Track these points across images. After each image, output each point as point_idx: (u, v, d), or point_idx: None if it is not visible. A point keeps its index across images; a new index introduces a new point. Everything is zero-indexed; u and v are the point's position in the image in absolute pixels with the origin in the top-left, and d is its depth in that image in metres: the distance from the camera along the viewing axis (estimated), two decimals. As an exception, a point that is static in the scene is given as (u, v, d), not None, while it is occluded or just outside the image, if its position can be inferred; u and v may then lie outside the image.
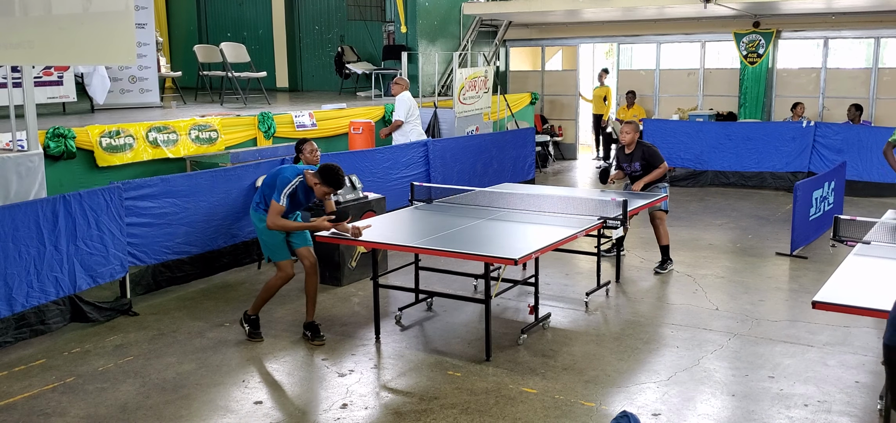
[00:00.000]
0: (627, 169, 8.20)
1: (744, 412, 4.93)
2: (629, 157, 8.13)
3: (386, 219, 7.11)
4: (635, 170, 8.11)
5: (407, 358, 5.85)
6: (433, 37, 15.22)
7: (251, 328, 6.28)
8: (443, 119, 12.84)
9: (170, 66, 15.52)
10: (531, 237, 6.19)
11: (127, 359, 5.86)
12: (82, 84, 10.80)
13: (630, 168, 8.16)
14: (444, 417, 4.87)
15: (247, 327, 6.28)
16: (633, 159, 8.10)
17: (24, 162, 6.79)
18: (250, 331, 6.27)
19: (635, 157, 8.08)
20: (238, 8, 18.53)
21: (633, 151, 8.10)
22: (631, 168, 8.15)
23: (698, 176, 13.42)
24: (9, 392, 5.27)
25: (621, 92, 16.62)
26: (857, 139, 12.27)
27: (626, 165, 8.20)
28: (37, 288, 6.20)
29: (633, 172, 8.14)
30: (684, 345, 6.05)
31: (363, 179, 8.47)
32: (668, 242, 8.20)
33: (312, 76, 17.80)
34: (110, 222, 6.79)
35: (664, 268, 8.14)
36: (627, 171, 8.21)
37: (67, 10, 6.07)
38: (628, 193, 7.95)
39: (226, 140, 9.87)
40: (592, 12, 14.64)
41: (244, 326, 6.30)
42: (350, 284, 7.69)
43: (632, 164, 8.12)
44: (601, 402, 5.08)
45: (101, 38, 5.87)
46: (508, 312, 6.91)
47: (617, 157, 8.50)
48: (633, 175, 8.16)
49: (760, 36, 15.19)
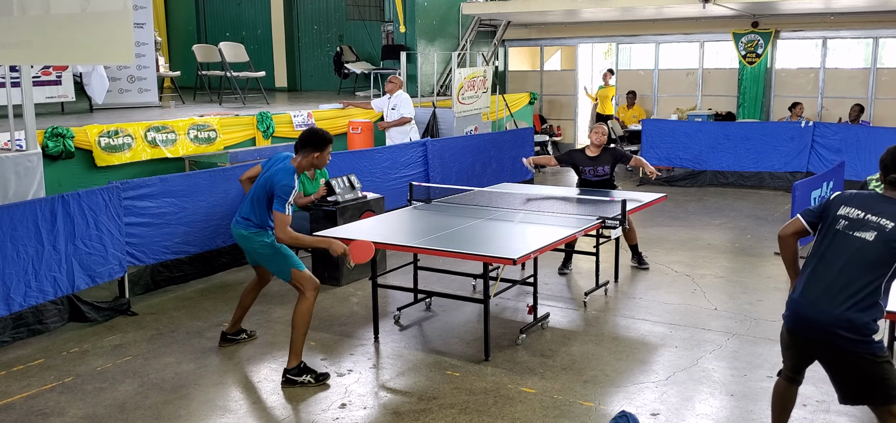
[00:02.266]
0: (589, 174, 8.02)
1: (742, 412, 4.93)
2: (595, 160, 8.00)
3: (385, 219, 7.11)
4: (602, 174, 8.00)
5: (405, 358, 5.85)
6: (432, 37, 15.22)
7: (312, 376, 5.36)
8: (442, 119, 12.84)
9: (168, 65, 15.50)
10: (530, 237, 6.19)
11: (125, 359, 5.86)
12: (81, 84, 10.79)
13: (594, 173, 8.01)
14: (443, 417, 4.87)
15: (307, 378, 5.34)
16: (600, 163, 7.99)
17: (22, 162, 6.78)
18: (313, 377, 5.36)
19: (603, 161, 7.99)
20: (237, 7, 18.52)
21: (600, 155, 8.00)
22: (596, 173, 8.00)
23: (697, 176, 13.43)
24: (7, 392, 5.26)
25: (621, 92, 16.63)
26: (855, 139, 12.28)
27: (589, 170, 8.02)
28: (35, 288, 6.20)
29: (599, 176, 8.01)
30: (683, 345, 6.05)
31: (362, 179, 8.47)
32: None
33: (311, 76, 17.80)
34: (109, 222, 6.78)
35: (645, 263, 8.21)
36: (589, 176, 8.03)
37: (66, 10, 6.06)
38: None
39: (224, 140, 9.86)
40: (591, 12, 14.65)
41: (302, 378, 5.34)
42: (349, 284, 7.69)
43: (599, 168, 7.99)
44: (600, 402, 5.08)
45: (99, 37, 5.87)
46: (507, 312, 6.91)
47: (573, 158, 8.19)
48: (596, 181, 8.02)
49: (759, 36, 15.20)
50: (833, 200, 3.93)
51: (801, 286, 3.87)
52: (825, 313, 3.70)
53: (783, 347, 4.07)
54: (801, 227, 4.01)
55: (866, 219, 3.75)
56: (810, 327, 3.79)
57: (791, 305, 3.91)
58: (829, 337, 3.70)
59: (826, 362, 3.85)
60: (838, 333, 3.66)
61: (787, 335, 3.97)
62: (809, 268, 3.87)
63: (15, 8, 6.43)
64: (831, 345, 3.72)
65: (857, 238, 3.73)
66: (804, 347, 3.90)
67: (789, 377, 4.12)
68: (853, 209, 3.82)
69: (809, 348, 3.88)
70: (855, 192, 3.96)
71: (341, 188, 7.85)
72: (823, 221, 3.91)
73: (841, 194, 3.94)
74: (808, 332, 3.82)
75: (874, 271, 3.66)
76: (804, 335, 3.85)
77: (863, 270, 3.67)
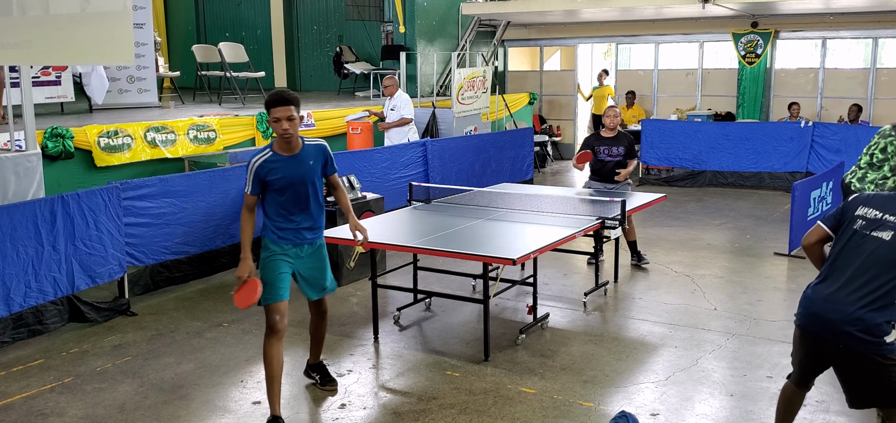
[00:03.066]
0: (604, 154, 8.06)
1: (742, 412, 4.93)
2: (611, 142, 8.05)
3: (384, 219, 7.11)
4: (617, 155, 8.02)
5: (405, 358, 5.85)
6: (432, 37, 15.22)
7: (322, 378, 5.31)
8: (441, 119, 12.84)
9: (168, 66, 15.51)
10: (529, 237, 6.19)
11: (125, 359, 5.86)
12: (80, 84, 10.80)
13: (609, 154, 8.04)
14: (443, 417, 4.87)
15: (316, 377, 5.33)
16: (617, 144, 8.03)
17: (22, 162, 6.78)
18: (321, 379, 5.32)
19: (619, 142, 8.05)
20: (236, 8, 18.52)
21: (616, 136, 8.07)
22: (610, 153, 8.03)
23: (696, 176, 13.43)
24: (7, 393, 5.26)
25: (620, 92, 16.64)
26: (855, 139, 12.27)
27: (604, 150, 8.06)
28: (35, 288, 6.20)
29: (613, 157, 8.03)
30: (683, 345, 6.05)
31: (361, 180, 8.47)
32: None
33: (311, 76, 17.80)
34: (108, 222, 6.78)
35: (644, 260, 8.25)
36: (605, 156, 8.06)
37: (65, 10, 6.06)
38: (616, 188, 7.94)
39: (224, 140, 9.87)
40: (591, 12, 14.66)
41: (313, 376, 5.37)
42: (348, 284, 7.69)
43: (614, 149, 8.02)
44: (599, 402, 5.08)
45: (99, 37, 5.87)
46: (507, 312, 6.91)
47: (590, 141, 8.23)
48: (611, 162, 8.04)
49: (758, 36, 15.20)
50: (851, 201, 3.92)
51: (815, 283, 3.87)
52: (837, 311, 3.69)
53: (795, 346, 4.04)
54: (823, 233, 3.98)
55: (884, 219, 3.74)
56: (821, 324, 3.77)
57: (804, 302, 3.90)
58: (840, 336, 3.68)
59: (835, 362, 3.82)
60: (849, 332, 3.64)
61: (799, 333, 3.96)
62: (826, 266, 3.87)
63: (15, 8, 6.42)
64: (841, 344, 3.69)
65: (875, 238, 3.72)
66: (814, 345, 3.87)
67: (798, 380, 4.08)
68: (871, 209, 3.81)
69: (820, 347, 3.84)
70: (873, 192, 3.96)
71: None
72: (842, 222, 3.89)
73: (859, 195, 3.93)
74: (819, 329, 3.80)
75: (891, 271, 3.64)
76: (815, 333, 3.83)
77: (879, 269, 3.66)
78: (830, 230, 3.96)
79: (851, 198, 3.96)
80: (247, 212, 4.72)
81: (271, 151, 4.73)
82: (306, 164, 4.74)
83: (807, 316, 3.87)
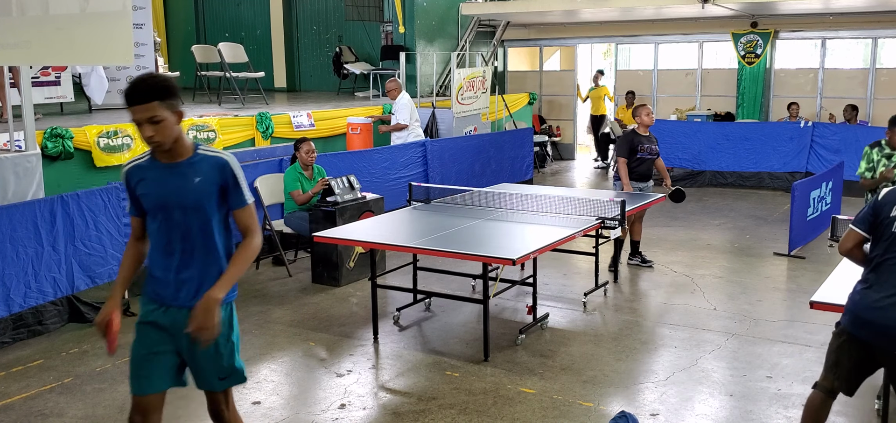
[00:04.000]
0: (647, 153, 8.24)
1: (742, 412, 4.93)
2: (648, 139, 8.26)
3: (384, 219, 7.11)
4: (656, 152, 8.28)
5: (405, 358, 5.85)
6: (431, 37, 15.22)
7: None
8: (441, 119, 12.84)
9: (168, 66, 15.49)
10: (529, 237, 6.19)
11: (125, 360, 5.79)
12: (80, 84, 10.78)
13: (649, 151, 8.23)
14: (443, 417, 4.87)
15: None
16: (652, 142, 8.27)
17: (21, 162, 6.77)
18: None
19: (653, 139, 8.31)
20: (236, 8, 18.52)
21: (650, 134, 8.31)
22: (651, 151, 8.23)
23: (696, 176, 13.43)
24: (6, 393, 5.26)
25: (620, 92, 16.64)
26: (854, 139, 12.28)
27: (647, 148, 8.24)
28: (35, 289, 6.19)
29: (652, 155, 8.24)
30: (682, 345, 6.05)
31: (361, 180, 8.47)
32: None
33: (310, 76, 17.79)
34: (108, 223, 6.77)
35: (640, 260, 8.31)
36: (645, 155, 8.25)
37: (65, 11, 6.06)
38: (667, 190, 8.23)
39: (224, 140, 9.86)
40: (590, 12, 14.66)
41: None
42: (348, 284, 7.68)
43: (654, 145, 8.27)
44: (599, 402, 5.08)
45: (98, 38, 5.86)
46: (506, 312, 6.91)
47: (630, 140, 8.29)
48: (650, 159, 8.24)
49: (758, 36, 15.20)
50: (883, 203, 3.84)
51: (860, 288, 3.82)
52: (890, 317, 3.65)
53: (837, 355, 3.91)
54: (859, 237, 3.92)
55: None
56: (875, 331, 3.72)
57: (852, 309, 3.84)
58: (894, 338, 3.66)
59: (890, 365, 3.80)
60: None
61: (847, 340, 3.86)
62: (869, 271, 3.82)
63: (14, 8, 6.42)
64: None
65: None
66: (866, 351, 3.80)
67: (829, 390, 3.96)
68: None
69: (871, 352, 3.79)
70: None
71: (340, 189, 7.85)
72: (876, 225, 3.83)
73: (889, 194, 3.86)
74: (870, 337, 3.75)
75: None
76: (866, 339, 3.77)
77: None
78: (865, 233, 3.89)
79: (882, 196, 3.88)
80: (131, 239, 3.56)
81: (150, 154, 3.33)
82: (188, 180, 3.26)
83: (858, 324, 3.80)
